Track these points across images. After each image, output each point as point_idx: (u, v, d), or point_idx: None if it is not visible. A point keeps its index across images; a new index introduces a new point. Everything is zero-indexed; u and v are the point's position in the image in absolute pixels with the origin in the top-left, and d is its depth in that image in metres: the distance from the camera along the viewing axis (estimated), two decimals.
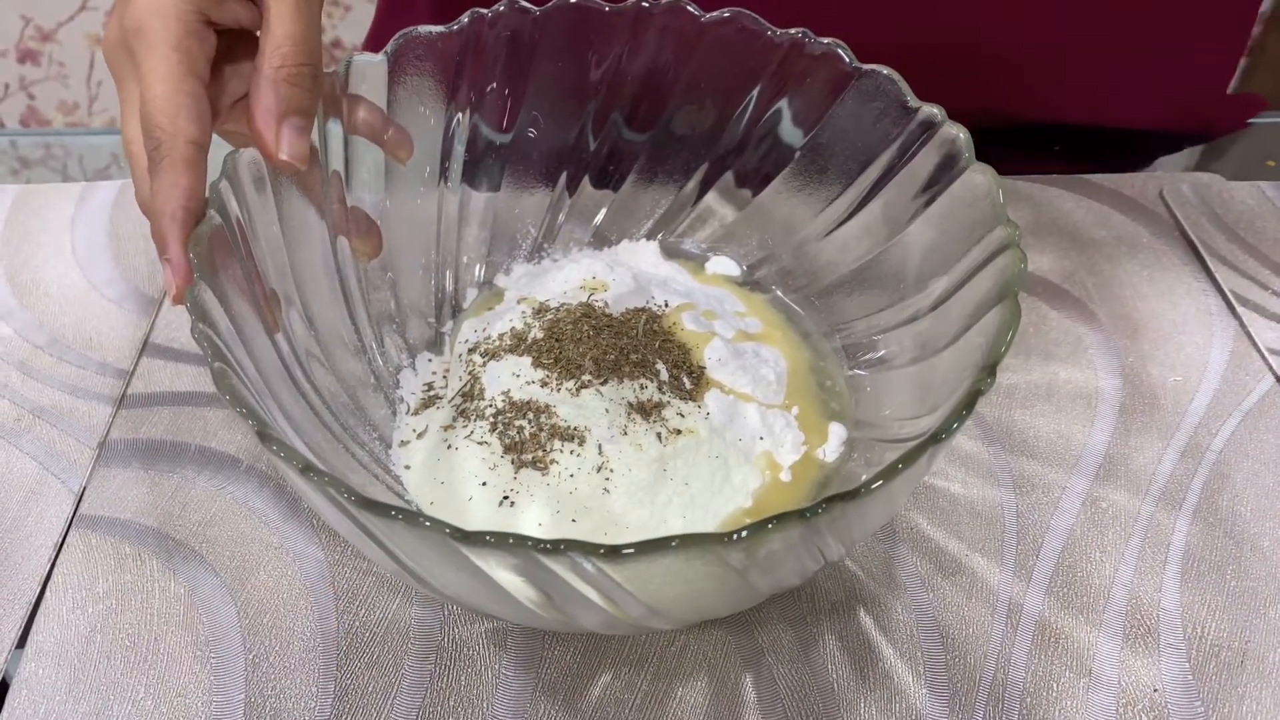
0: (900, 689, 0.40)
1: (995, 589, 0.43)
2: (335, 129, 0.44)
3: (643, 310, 0.47)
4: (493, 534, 0.29)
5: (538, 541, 0.29)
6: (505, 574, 0.31)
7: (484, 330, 0.47)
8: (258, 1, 0.42)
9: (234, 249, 0.39)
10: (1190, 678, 0.40)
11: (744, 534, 0.29)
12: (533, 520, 0.40)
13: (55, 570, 0.43)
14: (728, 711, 0.39)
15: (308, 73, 0.41)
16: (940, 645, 0.41)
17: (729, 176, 0.52)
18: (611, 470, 0.41)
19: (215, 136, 0.45)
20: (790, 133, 0.49)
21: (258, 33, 0.42)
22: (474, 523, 0.40)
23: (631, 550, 0.29)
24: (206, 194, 0.40)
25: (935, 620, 0.42)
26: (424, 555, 0.32)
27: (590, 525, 0.40)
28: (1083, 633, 0.42)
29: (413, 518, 0.29)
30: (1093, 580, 0.43)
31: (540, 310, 0.47)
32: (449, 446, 0.43)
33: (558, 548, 0.29)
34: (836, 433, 0.45)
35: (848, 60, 0.45)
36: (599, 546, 0.29)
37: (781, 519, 0.29)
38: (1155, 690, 0.40)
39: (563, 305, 0.47)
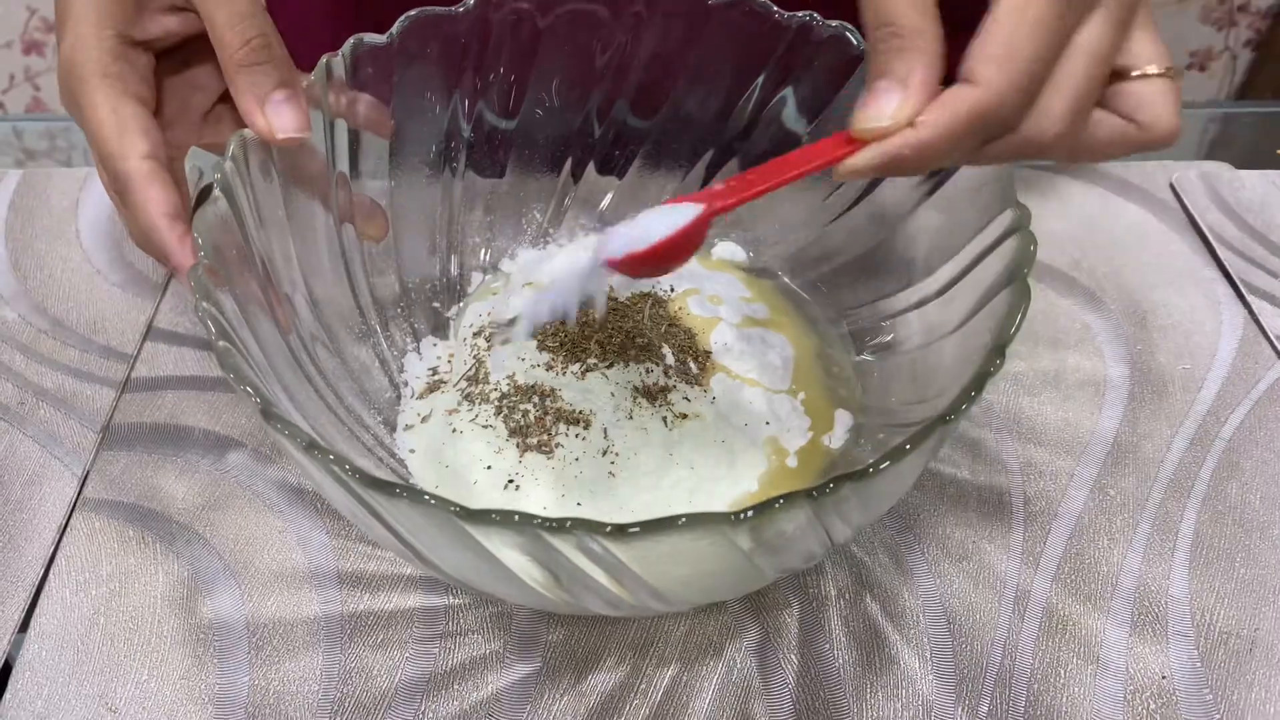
0: (907, 675, 0.40)
1: (1003, 575, 0.43)
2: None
3: (648, 295, 0.47)
4: (498, 512, 0.28)
5: (544, 520, 0.28)
6: (510, 553, 0.31)
7: (489, 314, 0.47)
8: (190, 4, 0.41)
9: (239, 230, 0.39)
10: (1199, 665, 0.40)
11: (751, 513, 0.29)
12: (538, 504, 0.40)
13: (58, 553, 0.43)
14: (733, 697, 0.39)
15: (259, 44, 0.40)
16: (947, 631, 0.41)
17: (735, 162, 0.51)
18: (617, 454, 0.41)
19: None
20: (796, 118, 0.49)
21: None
22: (479, 505, 0.40)
23: (638, 529, 0.28)
24: (193, 198, 0.39)
25: (942, 606, 0.42)
26: (429, 534, 0.31)
27: (595, 509, 0.40)
28: (1090, 620, 0.41)
29: (417, 495, 0.29)
30: (1101, 567, 0.43)
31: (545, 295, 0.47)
32: (454, 430, 0.43)
33: (564, 526, 0.28)
34: (843, 419, 0.45)
35: (855, 43, 0.45)
36: (605, 525, 0.28)
37: (789, 498, 0.29)
38: (1163, 677, 0.40)
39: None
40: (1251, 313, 0.53)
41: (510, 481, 0.40)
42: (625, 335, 0.44)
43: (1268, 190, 0.60)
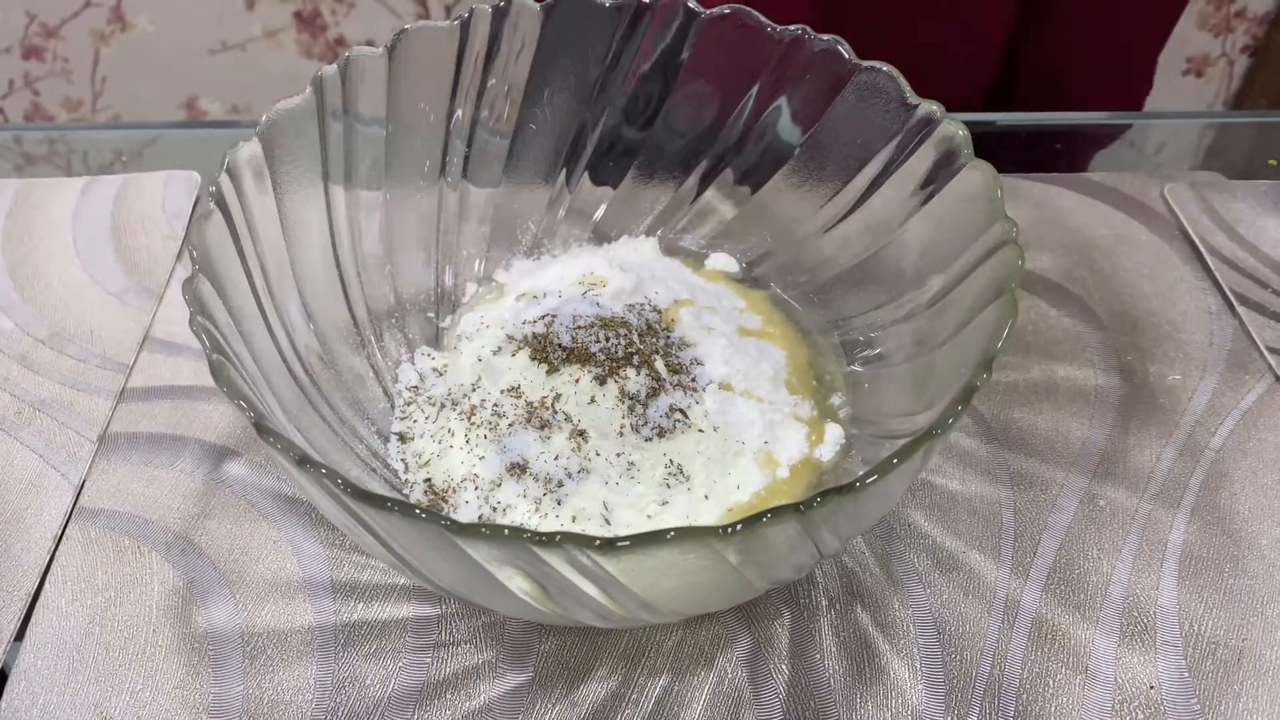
0: (897, 685, 0.40)
1: (992, 586, 0.43)
2: (336, 123, 0.44)
3: (641, 306, 0.47)
4: (488, 525, 0.29)
5: (533, 534, 0.29)
6: (500, 567, 0.31)
7: (482, 325, 0.47)
8: None
9: (234, 244, 0.39)
10: (1187, 675, 0.40)
11: (739, 527, 0.29)
12: (528, 516, 0.40)
13: (54, 562, 0.44)
14: (724, 707, 0.39)
15: None
16: (937, 642, 0.41)
17: (728, 173, 0.52)
18: (609, 465, 0.41)
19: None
20: (789, 130, 0.49)
21: None
22: (470, 517, 0.41)
23: (627, 543, 0.29)
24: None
25: (932, 617, 0.42)
26: (419, 547, 0.32)
27: (586, 522, 0.40)
28: (1080, 630, 0.42)
29: (408, 509, 0.29)
30: (1090, 578, 0.43)
31: (538, 305, 0.47)
32: (447, 441, 0.43)
33: (553, 539, 0.29)
34: (834, 429, 0.45)
35: (847, 57, 0.45)
36: (594, 539, 0.29)
37: (777, 512, 0.29)
38: (1152, 688, 0.40)
39: (561, 300, 0.47)
40: (1242, 324, 0.53)
41: (501, 493, 0.41)
42: (617, 347, 0.44)
43: (1260, 201, 0.60)
